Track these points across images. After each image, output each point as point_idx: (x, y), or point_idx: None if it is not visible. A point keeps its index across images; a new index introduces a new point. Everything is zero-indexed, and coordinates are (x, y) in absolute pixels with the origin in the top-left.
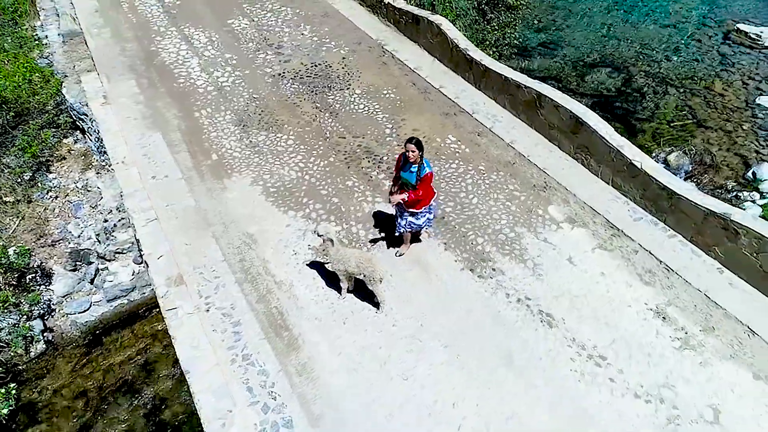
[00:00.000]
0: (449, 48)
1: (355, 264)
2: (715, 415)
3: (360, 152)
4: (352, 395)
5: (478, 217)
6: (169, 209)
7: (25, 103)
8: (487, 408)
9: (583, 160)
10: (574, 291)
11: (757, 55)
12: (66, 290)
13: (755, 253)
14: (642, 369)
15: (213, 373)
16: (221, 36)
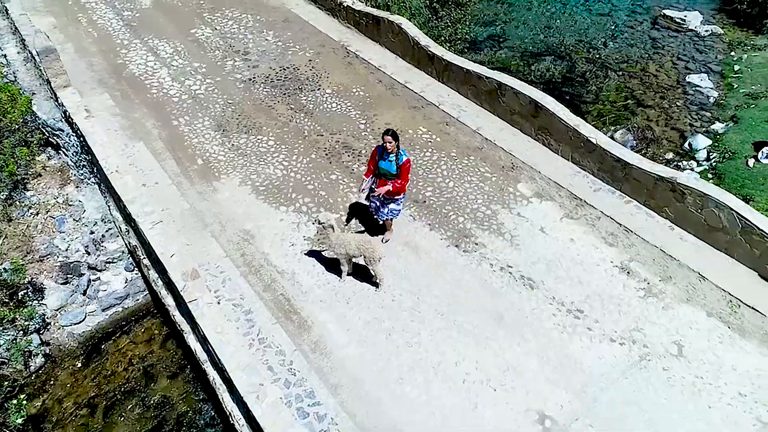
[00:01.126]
0: (411, 46)
1: (355, 246)
2: (679, 349)
3: (339, 148)
4: (365, 364)
5: (456, 198)
6: (165, 213)
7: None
8: (485, 363)
9: (544, 140)
10: (549, 256)
11: (682, 37)
12: (59, 303)
13: (699, 210)
14: (614, 317)
15: (240, 354)
16: (186, 46)
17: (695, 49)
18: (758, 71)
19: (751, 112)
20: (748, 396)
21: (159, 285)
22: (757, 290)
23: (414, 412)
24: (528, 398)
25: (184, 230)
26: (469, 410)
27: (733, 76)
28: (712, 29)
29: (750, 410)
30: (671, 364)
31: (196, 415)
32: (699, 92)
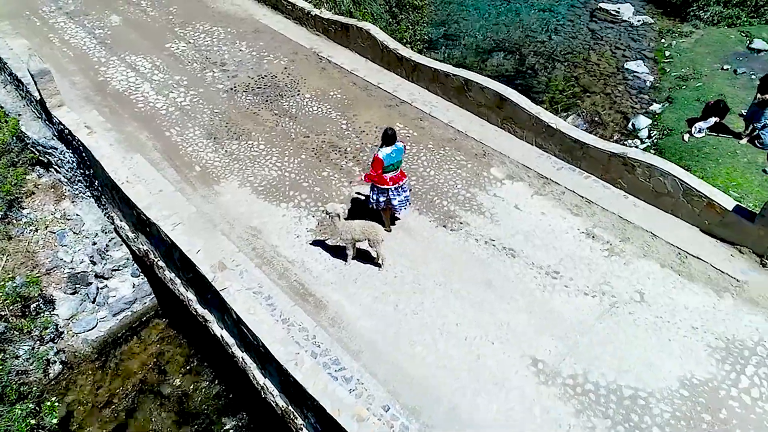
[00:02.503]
0: (380, 49)
1: (360, 231)
2: (640, 296)
3: (326, 147)
4: (378, 333)
5: (438, 185)
6: (175, 217)
7: None
8: (482, 322)
9: (510, 128)
10: (525, 229)
11: (618, 28)
12: (71, 312)
13: (648, 179)
14: (585, 275)
15: (274, 330)
16: (164, 60)
17: (630, 38)
18: (686, 56)
19: (683, 92)
20: (699, 328)
21: (176, 283)
22: (699, 243)
23: (427, 367)
24: (521, 347)
25: (196, 231)
26: (473, 361)
27: (664, 61)
28: (643, 19)
29: (701, 339)
30: (635, 308)
31: (213, 404)
32: (637, 77)
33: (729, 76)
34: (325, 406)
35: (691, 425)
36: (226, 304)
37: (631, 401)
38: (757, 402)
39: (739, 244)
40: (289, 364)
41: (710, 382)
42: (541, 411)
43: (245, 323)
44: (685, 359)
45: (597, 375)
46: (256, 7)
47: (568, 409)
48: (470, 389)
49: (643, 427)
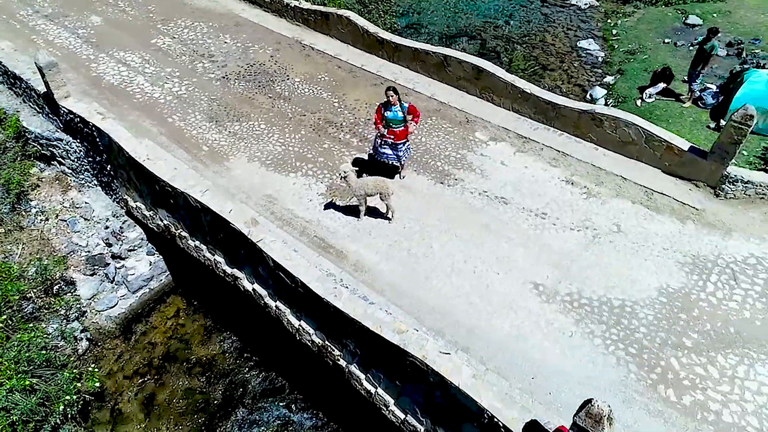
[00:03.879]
0: (361, 34)
1: (372, 186)
2: (617, 227)
3: (322, 123)
4: (397, 273)
5: (430, 149)
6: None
7: None
8: (486, 258)
9: (488, 97)
10: (512, 180)
11: (568, 11)
12: (92, 292)
13: (614, 131)
14: (569, 214)
15: (311, 270)
16: (152, 55)
17: (579, 20)
18: (631, 33)
19: (632, 65)
20: (669, 249)
21: (202, 250)
22: (662, 181)
23: (444, 298)
24: (523, 275)
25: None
26: (483, 289)
27: (613, 39)
28: (590, 2)
29: (672, 257)
30: (615, 238)
31: (237, 366)
32: (589, 54)
33: (670, 49)
34: (367, 325)
35: (671, 323)
36: (263, 254)
37: (620, 309)
38: (721, 301)
39: (695, 179)
40: (330, 296)
41: (682, 289)
42: (547, 323)
43: (284, 268)
44: (660, 274)
45: (589, 292)
46: (233, 2)
47: (569, 320)
48: (484, 312)
49: (632, 327)
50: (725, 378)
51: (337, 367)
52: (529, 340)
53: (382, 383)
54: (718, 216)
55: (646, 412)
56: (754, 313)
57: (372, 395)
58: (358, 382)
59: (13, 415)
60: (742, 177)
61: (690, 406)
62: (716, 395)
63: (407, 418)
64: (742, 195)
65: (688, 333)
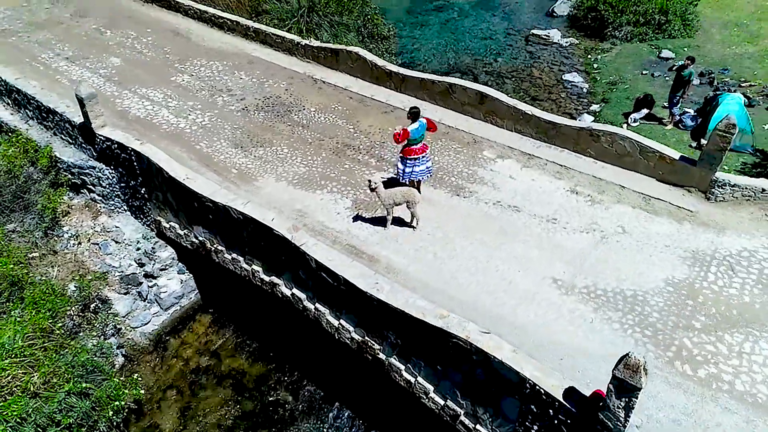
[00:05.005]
0: (369, 68)
1: (401, 195)
2: (622, 229)
3: (341, 147)
4: (426, 274)
5: (444, 167)
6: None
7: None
8: (505, 258)
9: (491, 120)
10: (522, 191)
11: (551, 49)
12: (126, 310)
13: (611, 145)
14: (577, 219)
15: (352, 268)
16: (173, 90)
17: (562, 56)
18: (611, 66)
19: (615, 94)
20: (670, 246)
21: (239, 261)
22: (657, 188)
23: (471, 293)
24: (541, 272)
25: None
26: (506, 285)
27: (594, 72)
28: (570, 41)
29: (673, 252)
30: (620, 238)
31: (267, 376)
32: (574, 86)
33: (648, 79)
34: (411, 312)
35: (680, 308)
36: (306, 257)
37: (632, 298)
38: (722, 289)
39: (687, 185)
40: (373, 290)
41: (687, 280)
42: (568, 311)
43: (327, 267)
44: (665, 267)
45: (603, 284)
46: (245, 43)
47: (588, 308)
48: (509, 304)
49: (646, 313)
50: (734, 353)
51: (376, 361)
52: (554, 327)
53: (423, 371)
54: (710, 216)
55: (667, 384)
56: (752, 298)
57: (412, 385)
58: (398, 374)
59: (70, 417)
60: (729, 181)
61: (705, 378)
62: (727, 368)
63: (447, 403)
64: (730, 197)
65: (696, 316)
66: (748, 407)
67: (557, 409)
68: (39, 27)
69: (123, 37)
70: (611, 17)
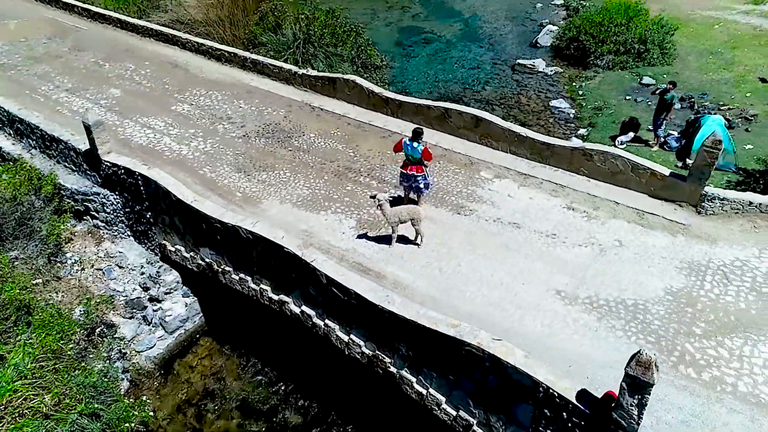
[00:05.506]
0: (366, 95)
1: (405, 213)
2: (620, 242)
3: (342, 170)
4: (433, 288)
5: (444, 187)
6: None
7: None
8: (510, 272)
9: (487, 142)
10: (521, 209)
11: (536, 77)
12: (131, 334)
13: (603, 163)
14: (575, 234)
15: (363, 282)
16: (174, 119)
17: (548, 84)
18: (595, 92)
19: (601, 119)
20: (666, 257)
21: (246, 281)
22: (650, 203)
23: (479, 305)
24: (545, 284)
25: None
26: (512, 297)
27: (580, 98)
28: (554, 70)
29: (670, 263)
30: (618, 251)
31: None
32: (561, 112)
33: (631, 104)
34: (423, 323)
35: (680, 316)
36: (316, 273)
37: (634, 307)
38: (719, 296)
39: (679, 200)
40: (384, 302)
41: (684, 289)
42: (573, 321)
43: (338, 282)
44: (663, 277)
45: (605, 295)
46: (242, 74)
47: (592, 317)
48: (516, 315)
49: (647, 321)
50: (734, 357)
51: (387, 375)
52: (560, 336)
53: (435, 382)
54: (702, 229)
55: (673, 387)
56: (748, 304)
57: (423, 397)
58: (409, 386)
59: None
60: (718, 195)
61: (709, 381)
62: (730, 371)
63: (460, 413)
64: (720, 211)
65: (696, 323)
66: (752, 407)
67: (571, 411)
68: (37, 61)
69: (122, 69)
70: (593, 47)
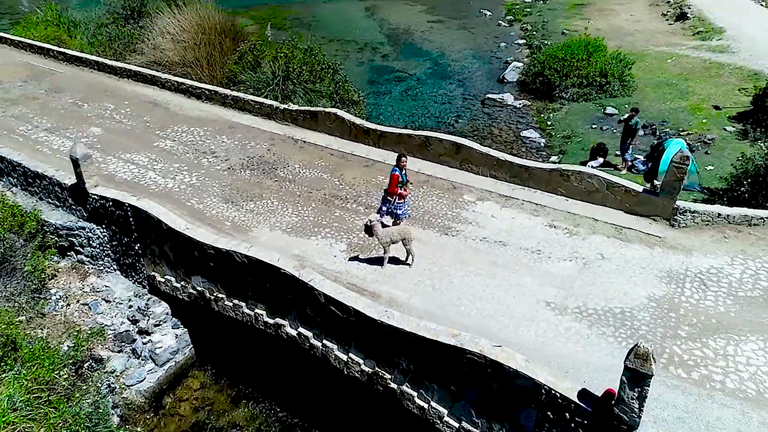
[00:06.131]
0: (348, 127)
1: (397, 233)
2: (602, 256)
3: (329, 197)
4: (428, 304)
5: (429, 210)
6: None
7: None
8: (501, 285)
9: (467, 168)
10: (505, 228)
11: (506, 110)
12: (121, 368)
13: (580, 183)
14: (559, 249)
15: (360, 300)
16: (157, 154)
17: (517, 116)
18: (563, 122)
19: (570, 146)
20: (645, 268)
21: (240, 307)
22: (626, 219)
23: (474, 319)
24: (535, 296)
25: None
26: (505, 309)
27: (549, 128)
28: (523, 103)
29: (651, 273)
30: (601, 263)
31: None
32: (533, 141)
33: (598, 132)
34: (423, 334)
35: (665, 321)
36: (314, 292)
37: (621, 315)
38: (699, 301)
39: (652, 215)
40: (384, 317)
41: (666, 296)
42: (566, 329)
43: (336, 300)
44: (645, 286)
45: (593, 304)
46: (223, 110)
47: (583, 326)
48: (510, 326)
49: (635, 327)
50: (720, 356)
51: (388, 391)
52: (554, 343)
53: (436, 395)
54: (677, 241)
55: (665, 386)
56: (726, 308)
57: (425, 411)
58: (410, 401)
59: None
60: (689, 208)
61: (699, 379)
62: (717, 369)
63: (462, 425)
64: (692, 223)
65: (681, 326)
66: (741, 402)
67: (573, 411)
68: (14, 103)
69: (101, 109)
70: (557, 81)
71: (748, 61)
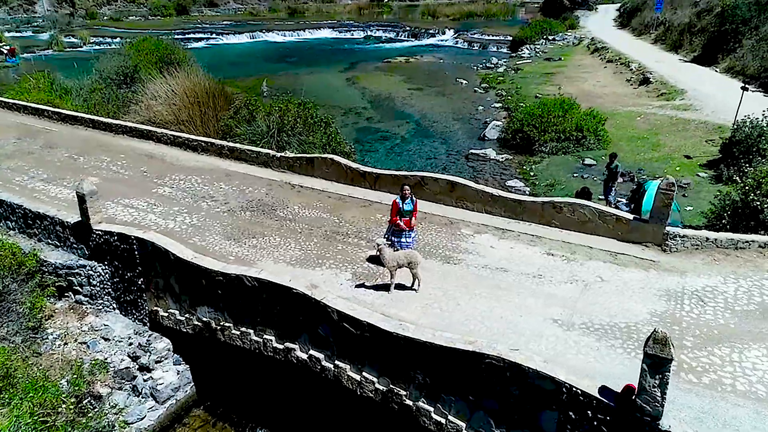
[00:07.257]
0: (344, 171)
1: (404, 257)
2: (601, 279)
3: (330, 233)
4: (436, 324)
5: (429, 242)
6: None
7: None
8: (507, 307)
9: (462, 204)
10: (505, 257)
11: (490, 163)
12: (120, 406)
13: (572, 214)
14: (559, 274)
15: (374, 315)
16: (156, 199)
17: (501, 168)
18: (545, 173)
19: (555, 193)
20: (644, 288)
21: (248, 335)
22: (620, 246)
23: (482, 336)
24: (542, 315)
25: None
26: (513, 327)
27: (532, 178)
28: (505, 157)
29: (649, 292)
30: (601, 284)
31: None
32: (518, 190)
33: (579, 180)
34: (440, 343)
35: (669, 333)
36: (327, 310)
37: (627, 329)
38: (699, 315)
39: (644, 241)
40: (399, 329)
41: (667, 311)
42: (575, 343)
43: (350, 317)
44: (646, 303)
45: (598, 320)
46: (219, 161)
47: (591, 339)
48: (520, 342)
49: (641, 339)
50: (726, 362)
51: (403, 409)
52: (566, 356)
53: (454, 407)
54: (671, 264)
55: (679, 390)
56: (726, 320)
57: (443, 426)
58: (427, 417)
59: None
60: (679, 233)
61: (710, 383)
62: (725, 374)
63: None
64: (682, 248)
65: (685, 337)
66: (753, 402)
67: (595, 408)
68: (8, 157)
69: (97, 161)
70: (536, 136)
71: (711, 117)
